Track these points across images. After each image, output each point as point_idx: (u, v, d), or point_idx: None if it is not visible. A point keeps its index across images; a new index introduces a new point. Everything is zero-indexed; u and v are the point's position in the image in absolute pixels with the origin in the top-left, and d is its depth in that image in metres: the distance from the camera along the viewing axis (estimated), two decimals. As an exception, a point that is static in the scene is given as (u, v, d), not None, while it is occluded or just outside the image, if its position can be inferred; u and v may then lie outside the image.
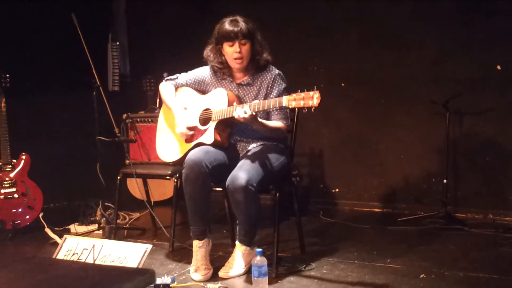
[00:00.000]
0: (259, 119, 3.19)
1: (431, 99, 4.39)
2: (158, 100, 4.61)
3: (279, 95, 3.29)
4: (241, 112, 3.07)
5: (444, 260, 3.48)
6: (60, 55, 4.92)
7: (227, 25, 3.30)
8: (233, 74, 3.46)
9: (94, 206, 4.62)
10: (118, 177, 4.10)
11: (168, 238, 3.86)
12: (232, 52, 3.31)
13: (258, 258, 2.94)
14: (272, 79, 3.38)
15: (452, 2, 4.49)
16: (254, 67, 3.41)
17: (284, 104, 2.97)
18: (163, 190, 4.96)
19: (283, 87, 3.39)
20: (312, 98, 2.87)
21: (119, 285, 2.58)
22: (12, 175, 4.28)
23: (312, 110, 2.89)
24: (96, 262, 3.14)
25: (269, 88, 3.38)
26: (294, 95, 2.94)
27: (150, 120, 4.27)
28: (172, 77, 3.64)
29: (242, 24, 3.29)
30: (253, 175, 3.12)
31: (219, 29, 3.34)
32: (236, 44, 3.29)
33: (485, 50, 4.43)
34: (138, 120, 4.32)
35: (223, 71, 3.45)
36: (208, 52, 3.45)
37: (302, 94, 2.91)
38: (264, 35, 3.43)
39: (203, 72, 3.56)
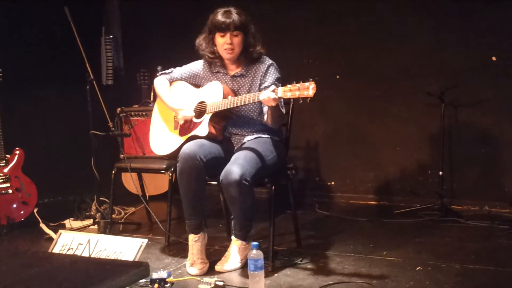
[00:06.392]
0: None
1: (427, 91, 4.39)
2: (152, 94, 4.58)
3: (273, 84, 3.27)
4: (270, 93, 2.97)
5: (440, 252, 3.48)
6: (53, 49, 4.90)
7: (220, 16, 3.29)
8: (225, 66, 3.44)
9: (89, 201, 4.59)
10: (113, 172, 4.09)
11: (164, 233, 3.85)
12: (223, 43, 3.30)
13: (254, 251, 2.92)
14: (265, 69, 3.37)
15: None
16: (247, 59, 3.39)
17: (279, 95, 2.96)
18: (158, 184, 4.94)
19: (276, 76, 3.37)
20: (308, 89, 2.86)
21: (113, 278, 2.58)
22: (6, 170, 4.25)
23: (308, 101, 2.88)
24: (92, 257, 3.13)
25: (262, 78, 3.36)
26: (289, 86, 2.93)
27: (144, 114, 4.24)
28: (166, 71, 3.63)
29: (234, 16, 3.28)
30: (247, 169, 3.09)
31: (212, 19, 3.33)
32: (228, 35, 3.28)
33: (480, 41, 4.42)
34: (132, 114, 4.30)
35: (214, 61, 3.43)
36: (200, 40, 3.44)
37: (298, 85, 2.90)
38: (258, 27, 3.41)
39: (197, 66, 3.54)
